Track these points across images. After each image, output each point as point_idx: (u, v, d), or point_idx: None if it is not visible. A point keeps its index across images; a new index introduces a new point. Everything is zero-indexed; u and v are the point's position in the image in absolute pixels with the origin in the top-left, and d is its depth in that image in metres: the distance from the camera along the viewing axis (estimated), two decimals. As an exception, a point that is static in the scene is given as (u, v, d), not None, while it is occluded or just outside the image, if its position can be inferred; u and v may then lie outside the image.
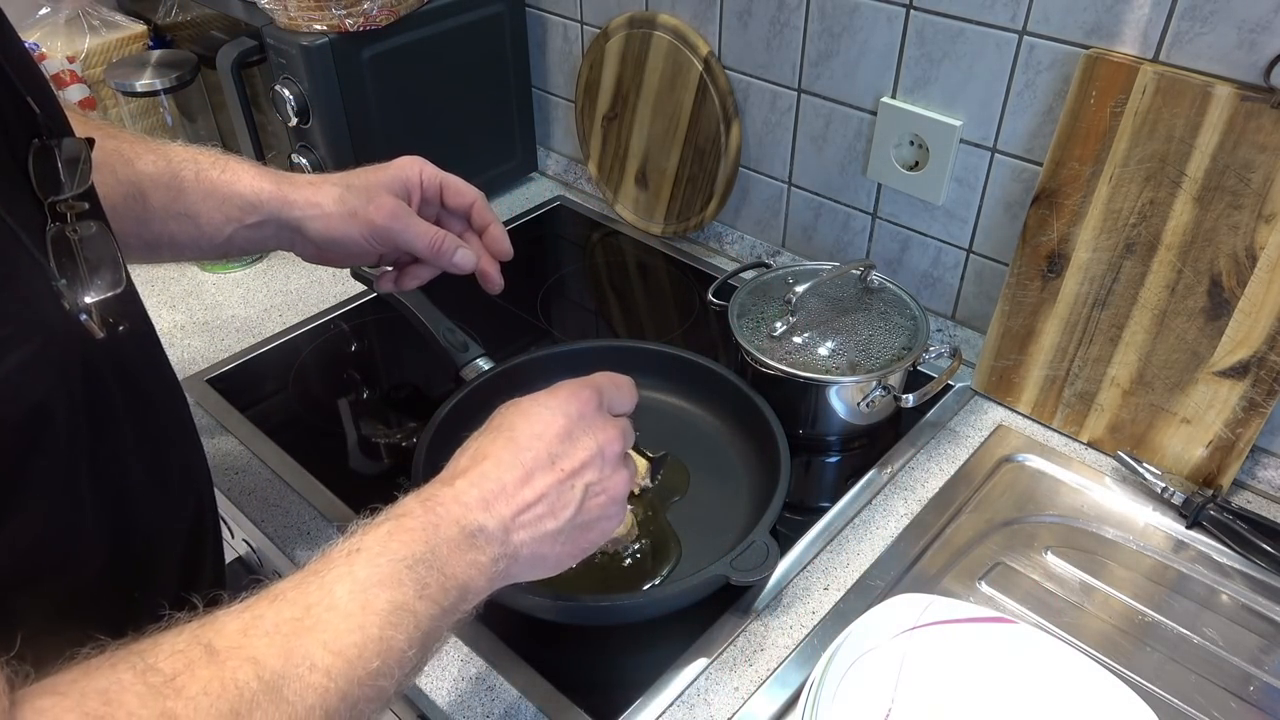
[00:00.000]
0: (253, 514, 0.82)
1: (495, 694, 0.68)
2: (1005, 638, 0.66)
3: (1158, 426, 0.82)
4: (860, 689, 0.63)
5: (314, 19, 0.99)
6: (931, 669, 0.65)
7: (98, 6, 1.20)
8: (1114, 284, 0.81)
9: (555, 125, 1.30)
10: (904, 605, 0.67)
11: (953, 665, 0.65)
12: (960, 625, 0.66)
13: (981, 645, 0.66)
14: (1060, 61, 0.81)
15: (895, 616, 0.66)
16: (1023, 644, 0.65)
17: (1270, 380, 0.75)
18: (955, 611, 0.67)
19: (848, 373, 0.83)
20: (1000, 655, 0.65)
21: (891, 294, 0.91)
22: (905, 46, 0.89)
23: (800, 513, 0.82)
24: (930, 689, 0.65)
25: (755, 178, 1.09)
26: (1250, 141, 0.71)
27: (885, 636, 0.66)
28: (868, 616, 0.66)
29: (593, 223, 1.25)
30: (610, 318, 1.11)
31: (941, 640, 0.66)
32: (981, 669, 0.65)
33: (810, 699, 0.61)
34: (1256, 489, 0.83)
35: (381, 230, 0.73)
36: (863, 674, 0.64)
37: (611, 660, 0.71)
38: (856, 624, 0.65)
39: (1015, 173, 0.88)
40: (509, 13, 1.17)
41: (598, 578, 0.74)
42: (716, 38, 1.04)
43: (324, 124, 1.03)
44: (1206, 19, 0.72)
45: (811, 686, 0.61)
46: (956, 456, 0.87)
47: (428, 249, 0.75)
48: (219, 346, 1.01)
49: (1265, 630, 0.73)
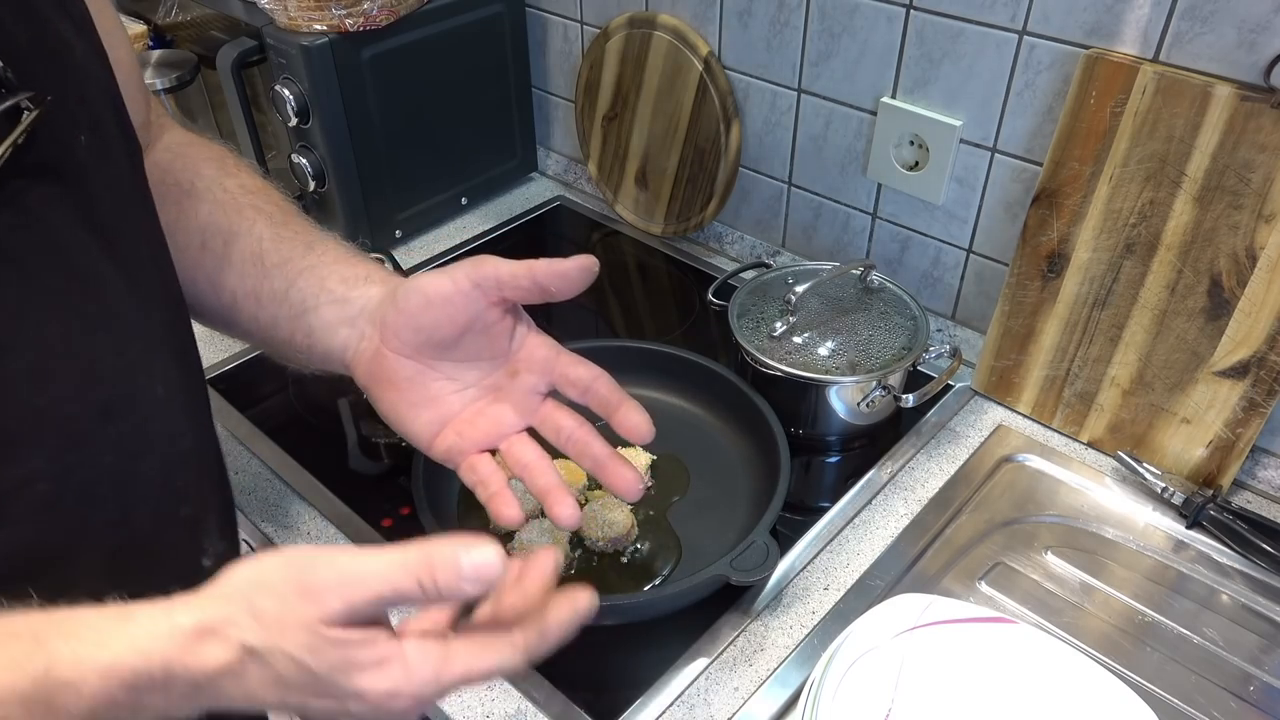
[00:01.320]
0: (253, 514, 0.82)
1: (495, 694, 0.68)
2: (1005, 638, 0.66)
3: (1158, 426, 0.82)
4: (860, 689, 0.63)
5: (314, 19, 0.99)
6: (931, 669, 0.65)
7: (98, 6, 1.20)
8: (1114, 284, 0.81)
9: (555, 125, 1.30)
10: (904, 605, 0.67)
11: (953, 665, 0.65)
12: (960, 625, 0.66)
13: (981, 645, 0.66)
14: (1060, 61, 0.81)
15: (895, 616, 0.66)
16: (1023, 644, 0.65)
17: (1270, 380, 0.75)
18: (955, 611, 0.67)
19: (848, 373, 0.83)
20: (1000, 655, 0.65)
21: (891, 294, 0.91)
22: (905, 46, 0.89)
23: (800, 513, 0.82)
24: (930, 689, 0.65)
25: (755, 178, 1.09)
26: (1250, 141, 0.71)
27: (885, 636, 0.66)
28: (868, 616, 0.66)
29: (593, 223, 1.25)
30: (610, 318, 1.11)
31: (941, 640, 0.66)
32: (981, 669, 0.65)
33: (810, 699, 0.61)
34: (1256, 489, 0.83)
35: (477, 268, 0.55)
36: (863, 674, 0.64)
37: (611, 660, 0.71)
38: (856, 624, 0.65)
39: (1015, 173, 0.88)
40: (509, 13, 1.17)
41: (598, 578, 0.74)
42: (716, 38, 1.04)
43: (324, 124, 1.03)
44: (1206, 19, 0.72)
45: (811, 686, 0.61)
46: (956, 456, 0.87)
47: (527, 269, 0.55)
48: (219, 346, 1.01)
49: (1265, 630, 0.73)
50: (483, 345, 0.57)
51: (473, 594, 0.41)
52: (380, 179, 1.11)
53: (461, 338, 0.57)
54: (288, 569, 0.40)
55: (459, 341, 0.57)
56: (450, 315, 0.55)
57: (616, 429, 0.57)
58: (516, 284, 0.54)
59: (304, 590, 0.39)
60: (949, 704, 0.64)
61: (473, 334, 0.57)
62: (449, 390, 0.58)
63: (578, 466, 0.81)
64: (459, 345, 0.57)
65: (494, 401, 0.59)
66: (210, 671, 0.38)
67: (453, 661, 0.42)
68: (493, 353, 0.58)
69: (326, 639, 0.39)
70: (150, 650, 0.37)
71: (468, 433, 0.58)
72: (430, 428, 0.58)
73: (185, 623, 0.38)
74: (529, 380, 0.58)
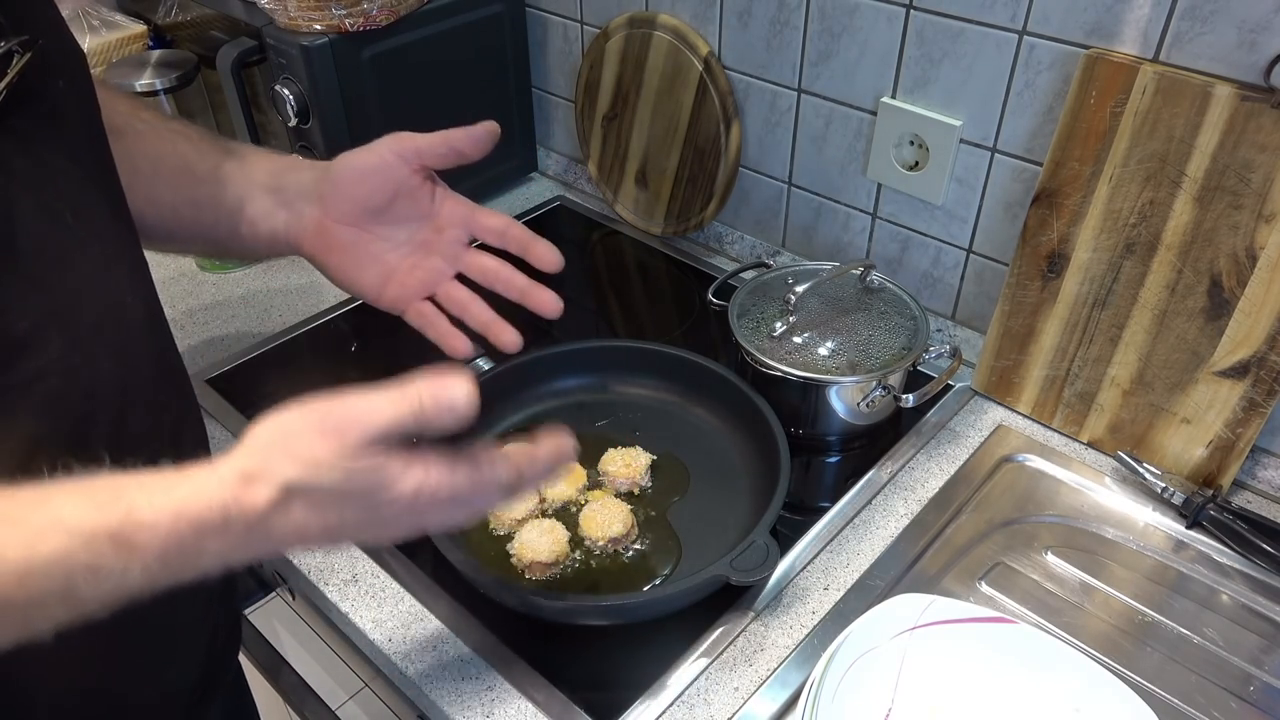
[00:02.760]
0: (253, 514, 0.82)
1: (495, 694, 0.68)
2: (1006, 637, 0.66)
3: (1158, 426, 0.82)
4: (861, 689, 0.63)
5: (314, 19, 0.99)
6: (932, 668, 0.65)
7: (98, 6, 1.20)
8: (1114, 284, 0.81)
9: (555, 125, 1.30)
10: (904, 605, 0.67)
11: (953, 665, 0.65)
12: (961, 625, 0.66)
13: (982, 645, 0.66)
14: (1060, 61, 0.81)
15: (896, 616, 0.66)
16: (1023, 644, 0.65)
17: (1270, 380, 0.75)
18: (956, 611, 0.67)
19: (848, 373, 0.83)
20: (1001, 655, 0.65)
21: (891, 294, 0.91)
22: (905, 46, 0.89)
23: (800, 513, 0.82)
24: (931, 688, 0.65)
25: (755, 178, 1.09)
26: (1250, 141, 0.71)
27: (886, 636, 0.66)
28: (868, 616, 0.66)
29: (593, 223, 1.25)
30: (610, 318, 1.11)
31: (942, 640, 0.66)
32: (982, 669, 0.65)
33: (810, 699, 0.61)
34: (1256, 489, 0.83)
35: (398, 141, 0.67)
36: (863, 674, 0.64)
37: (611, 660, 0.71)
38: (857, 623, 0.65)
39: (1015, 173, 0.88)
40: (509, 13, 1.17)
41: (598, 578, 0.74)
42: (716, 38, 1.04)
43: (324, 124, 1.03)
44: (1206, 19, 0.72)
45: (811, 686, 0.61)
46: (956, 456, 0.87)
47: (443, 137, 0.67)
48: (219, 346, 1.02)
49: (1265, 630, 0.73)
50: (409, 208, 0.69)
51: (450, 422, 0.48)
52: (380, 179, 1.11)
53: (392, 203, 0.68)
54: (308, 416, 0.47)
55: (390, 207, 0.68)
56: (380, 184, 0.67)
57: (531, 261, 0.68)
58: (433, 150, 0.66)
59: (326, 430, 0.46)
60: (949, 704, 0.64)
61: (400, 199, 0.68)
62: (386, 250, 0.69)
63: (578, 468, 0.82)
64: (390, 210, 0.68)
65: (426, 255, 0.70)
66: (261, 509, 0.44)
67: (458, 468, 0.49)
68: (418, 214, 0.69)
69: (355, 463, 0.46)
70: (210, 496, 0.43)
71: (409, 282, 0.70)
72: (376, 282, 0.70)
73: (230, 473, 0.44)
74: (452, 234, 0.70)
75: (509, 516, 0.77)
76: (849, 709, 0.62)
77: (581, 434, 0.87)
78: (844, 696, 0.62)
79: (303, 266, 1.14)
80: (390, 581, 0.75)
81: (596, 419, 0.89)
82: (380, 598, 0.74)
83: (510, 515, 0.77)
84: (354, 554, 0.78)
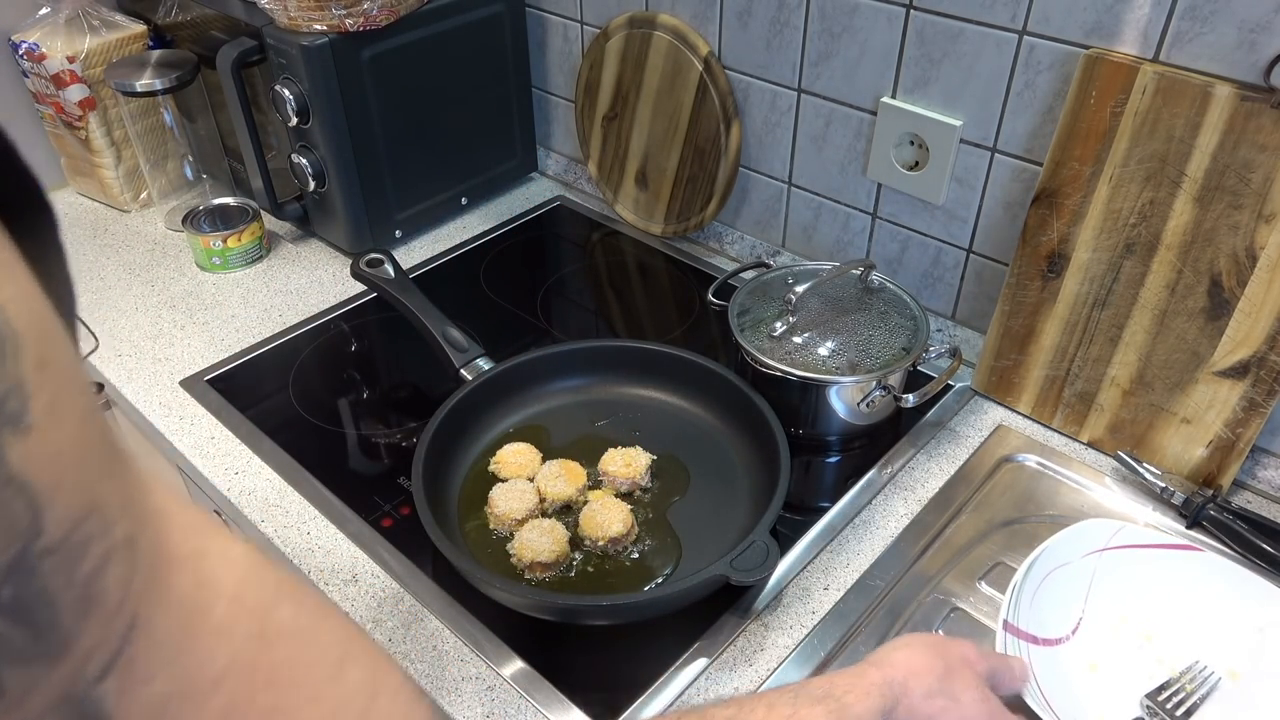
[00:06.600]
0: (253, 514, 0.82)
1: (495, 694, 0.68)
2: (1193, 563, 0.71)
3: (1158, 426, 0.82)
4: (1055, 597, 0.70)
5: (314, 19, 0.99)
6: (1121, 585, 0.71)
7: (98, 6, 1.20)
8: (1114, 284, 0.81)
9: (555, 125, 1.30)
10: (1094, 528, 0.73)
11: (1141, 584, 0.71)
12: (1148, 550, 0.72)
13: (1169, 568, 0.71)
14: (1060, 61, 0.81)
15: (1086, 538, 0.72)
16: (1210, 569, 0.71)
17: (1270, 380, 0.75)
18: (1144, 537, 0.73)
19: (848, 373, 0.83)
20: (1188, 577, 0.70)
21: (891, 294, 0.91)
22: (905, 46, 0.89)
23: (800, 513, 0.82)
24: (1120, 602, 0.71)
25: (755, 178, 1.09)
26: (1250, 141, 0.71)
27: (1077, 555, 0.72)
28: (1059, 536, 0.72)
29: (593, 223, 1.25)
30: (610, 318, 1.11)
31: (1131, 563, 0.72)
32: (1169, 589, 0.70)
33: (1012, 599, 0.67)
34: (1256, 489, 0.83)
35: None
36: (1056, 585, 0.70)
37: (611, 660, 0.71)
38: (1049, 541, 0.71)
39: (1015, 173, 0.88)
40: (509, 13, 1.17)
41: (598, 578, 0.74)
42: (716, 38, 1.04)
43: (324, 124, 1.03)
44: (1206, 19, 0.72)
45: (1013, 589, 0.68)
46: (956, 456, 0.87)
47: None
48: (219, 346, 1.02)
49: (1266, 630, 0.73)
50: None
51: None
52: (380, 179, 1.11)
53: None
54: None
55: None
56: None
57: None
58: None
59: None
60: (1138, 615, 0.71)
61: None
62: None
63: (578, 466, 0.82)
64: None
65: None
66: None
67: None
68: None
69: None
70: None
71: None
72: None
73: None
74: None
75: (509, 516, 0.77)
76: (1045, 612, 0.69)
77: (581, 434, 0.88)
78: (1041, 601, 0.69)
79: (303, 266, 1.14)
80: (390, 581, 0.76)
81: (596, 419, 0.89)
82: (380, 598, 0.74)
83: (510, 515, 0.77)
84: (354, 554, 0.78)
